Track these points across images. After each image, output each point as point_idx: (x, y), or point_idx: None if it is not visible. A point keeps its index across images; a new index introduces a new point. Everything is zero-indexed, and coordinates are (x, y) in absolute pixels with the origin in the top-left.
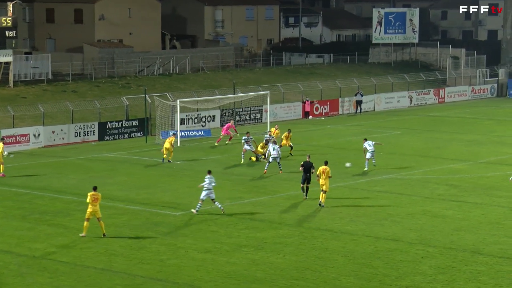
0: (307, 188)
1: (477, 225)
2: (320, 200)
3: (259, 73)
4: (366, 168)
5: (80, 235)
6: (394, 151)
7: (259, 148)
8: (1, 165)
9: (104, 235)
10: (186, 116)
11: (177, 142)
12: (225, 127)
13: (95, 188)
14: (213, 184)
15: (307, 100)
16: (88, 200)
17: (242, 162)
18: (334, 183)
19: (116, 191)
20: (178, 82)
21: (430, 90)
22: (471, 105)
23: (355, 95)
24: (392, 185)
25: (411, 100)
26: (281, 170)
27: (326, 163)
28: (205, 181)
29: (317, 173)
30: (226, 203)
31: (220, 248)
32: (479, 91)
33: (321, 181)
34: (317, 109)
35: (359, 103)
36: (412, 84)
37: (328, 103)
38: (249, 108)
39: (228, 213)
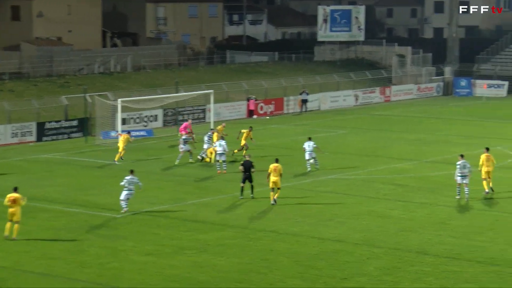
0: (252, 187)
1: (422, 225)
2: (274, 198)
3: (202, 72)
4: (308, 169)
5: (11, 238)
6: (339, 150)
7: (208, 153)
8: None
9: (13, 239)
10: (128, 116)
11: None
12: (182, 126)
13: (15, 189)
14: (138, 184)
15: (252, 99)
16: (5, 201)
17: (177, 163)
18: (284, 183)
19: (55, 193)
20: (119, 81)
21: (376, 89)
22: (417, 103)
23: (300, 94)
24: (337, 185)
25: (357, 99)
26: (225, 170)
27: (277, 161)
28: (124, 180)
29: (269, 171)
30: (168, 204)
31: (162, 250)
32: (425, 89)
33: (273, 178)
34: (262, 108)
35: (304, 102)
36: (358, 82)
37: (273, 102)
38: (192, 108)
39: (170, 215)
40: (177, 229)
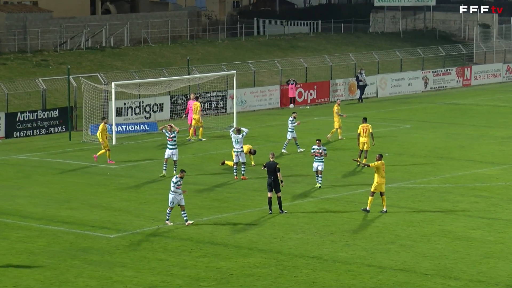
0: (279, 198)
1: None
2: (384, 207)
3: (222, 47)
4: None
5: None
6: (402, 151)
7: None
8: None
9: None
10: (125, 104)
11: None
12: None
13: None
14: (174, 186)
15: (292, 83)
16: None
17: (164, 173)
18: (323, 194)
19: (30, 206)
20: (113, 58)
21: (451, 69)
22: (506, 89)
23: (357, 78)
24: (401, 197)
25: (426, 83)
26: (243, 175)
27: (380, 157)
28: (172, 182)
29: (372, 164)
30: (178, 221)
31: (171, 282)
32: None
33: (377, 179)
34: (300, 94)
35: (362, 87)
36: (428, 61)
37: (315, 87)
38: (209, 94)
39: (181, 235)
40: (191, 254)
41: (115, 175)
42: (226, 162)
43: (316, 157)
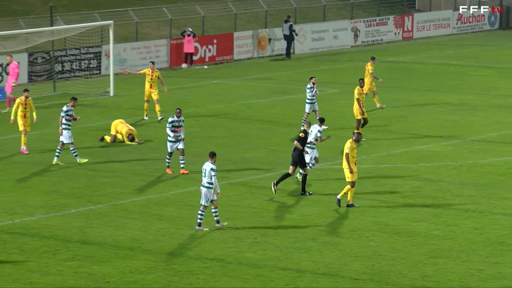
0: (303, 176)
1: (467, 248)
2: (347, 198)
3: None
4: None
5: None
6: (327, 123)
7: (113, 129)
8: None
9: None
10: None
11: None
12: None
13: None
14: (211, 176)
15: (188, 34)
16: None
17: (56, 161)
18: (224, 178)
19: None
20: None
21: (388, 18)
22: (457, 43)
23: (290, 26)
24: (325, 181)
25: (356, 36)
26: (183, 168)
27: (357, 138)
28: (204, 171)
29: (346, 151)
30: (38, 215)
31: None
32: (470, 19)
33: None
34: (196, 51)
35: (289, 39)
36: (359, 7)
37: (214, 41)
38: (78, 51)
39: (43, 232)
40: (55, 256)
41: None
42: (105, 137)
43: (312, 145)
